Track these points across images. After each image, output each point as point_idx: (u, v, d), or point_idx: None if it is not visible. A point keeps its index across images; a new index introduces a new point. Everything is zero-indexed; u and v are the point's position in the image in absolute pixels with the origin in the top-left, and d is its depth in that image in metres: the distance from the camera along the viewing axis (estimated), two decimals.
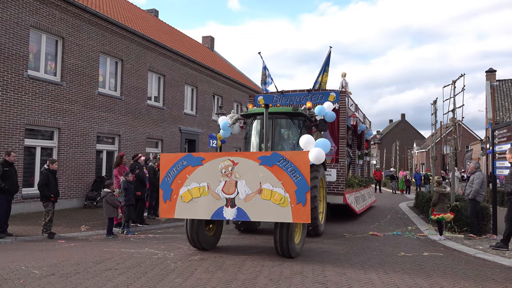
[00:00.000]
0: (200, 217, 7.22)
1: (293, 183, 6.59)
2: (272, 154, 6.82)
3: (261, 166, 6.81)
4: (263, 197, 6.73)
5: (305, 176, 6.56)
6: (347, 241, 9.31)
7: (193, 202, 7.18)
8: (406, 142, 60.20)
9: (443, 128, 16.90)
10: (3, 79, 11.89)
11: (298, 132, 9.65)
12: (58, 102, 13.68)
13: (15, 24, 12.23)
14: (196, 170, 7.21)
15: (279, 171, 6.69)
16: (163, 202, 7.39)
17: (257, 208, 6.77)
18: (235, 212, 6.90)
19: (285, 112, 9.78)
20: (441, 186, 9.62)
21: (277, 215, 6.67)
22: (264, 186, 6.76)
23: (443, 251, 8.18)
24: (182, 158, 7.35)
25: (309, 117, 10.10)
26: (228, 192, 6.98)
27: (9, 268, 6.37)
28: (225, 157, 7.11)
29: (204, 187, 7.13)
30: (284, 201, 6.60)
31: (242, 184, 6.90)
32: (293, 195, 6.55)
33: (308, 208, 6.48)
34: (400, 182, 30.31)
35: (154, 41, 18.59)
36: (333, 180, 12.12)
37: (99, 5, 16.53)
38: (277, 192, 6.65)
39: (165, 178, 7.43)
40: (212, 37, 32.65)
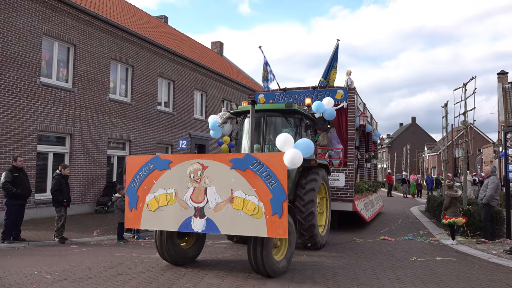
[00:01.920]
0: (167, 228, 6.40)
1: (268, 190, 5.63)
2: (244, 157, 5.90)
3: (232, 170, 5.88)
4: (234, 207, 5.79)
5: (281, 182, 5.60)
6: (358, 245, 9.25)
7: (160, 211, 6.35)
8: (416, 145, 59.65)
9: (455, 131, 16.73)
10: (17, 86, 12.09)
11: (294, 131, 8.54)
12: (69, 108, 13.86)
13: (28, 32, 12.44)
14: (163, 175, 6.39)
15: (253, 176, 5.75)
16: (128, 211, 6.62)
17: (228, 219, 5.84)
18: (204, 223, 5.99)
19: (278, 109, 8.68)
20: (452, 190, 9.51)
21: (250, 228, 5.71)
22: (236, 193, 5.82)
23: (456, 256, 8.08)
24: (149, 161, 6.55)
25: (307, 115, 9.09)
26: (196, 200, 6.09)
27: (22, 273, 6.45)
28: (194, 159, 6.22)
29: (171, 194, 6.29)
30: (258, 211, 5.63)
31: (212, 191, 5.99)
32: (268, 205, 5.59)
33: (285, 220, 5.50)
34: (411, 186, 30.03)
35: (164, 47, 18.75)
36: (341, 186, 11.04)
37: (110, 12, 16.74)
38: (250, 201, 5.71)
39: (131, 184, 6.65)
40: (221, 42, 32.83)
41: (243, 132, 8.87)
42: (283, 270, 6.37)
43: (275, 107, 8.75)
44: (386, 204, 21.39)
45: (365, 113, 13.26)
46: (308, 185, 8.18)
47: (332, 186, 10.89)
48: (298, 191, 8.16)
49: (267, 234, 5.60)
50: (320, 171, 8.65)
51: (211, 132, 9.62)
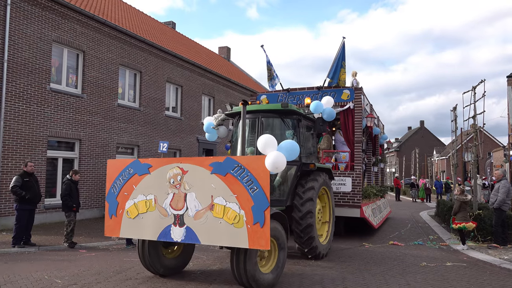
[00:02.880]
0: (146, 237, 6.00)
1: (249, 197, 5.18)
2: (225, 160, 5.46)
3: (213, 175, 5.46)
4: (215, 215, 5.37)
5: (263, 188, 5.14)
6: (367, 250, 9.18)
7: (140, 218, 5.98)
8: (425, 149, 59.20)
9: (464, 135, 16.59)
10: (27, 92, 12.24)
11: (291, 133, 8.03)
12: (79, 114, 13.99)
13: (38, 39, 12.61)
14: (142, 180, 6.03)
15: (233, 181, 5.31)
16: (108, 218, 6.28)
17: (208, 228, 5.42)
18: (184, 232, 5.57)
19: (273, 110, 8.09)
20: (462, 194, 9.42)
21: (231, 238, 5.26)
22: (216, 200, 5.39)
23: (467, 261, 7.99)
24: (129, 165, 6.20)
25: (306, 116, 8.53)
26: (176, 207, 5.68)
27: (32, 277, 6.50)
28: (173, 164, 5.84)
29: (151, 200, 5.91)
30: (239, 220, 5.19)
31: (191, 197, 5.59)
32: (250, 213, 5.14)
33: (267, 230, 5.01)
34: (420, 190, 29.78)
35: (171, 53, 18.88)
36: (348, 191, 10.53)
37: (118, 19, 16.91)
38: (230, 208, 5.27)
39: (111, 189, 6.31)
40: (228, 47, 32.98)
41: (238, 134, 8.23)
42: (269, 284, 5.78)
43: (271, 107, 8.18)
44: (394, 208, 21.23)
45: (373, 114, 12.80)
46: (306, 194, 7.62)
47: (339, 191, 10.58)
48: (295, 201, 7.62)
49: (248, 245, 5.11)
50: (321, 176, 8.11)
51: (206, 135, 9.22)
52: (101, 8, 16.36)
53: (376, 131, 13.51)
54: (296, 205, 7.57)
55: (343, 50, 11.57)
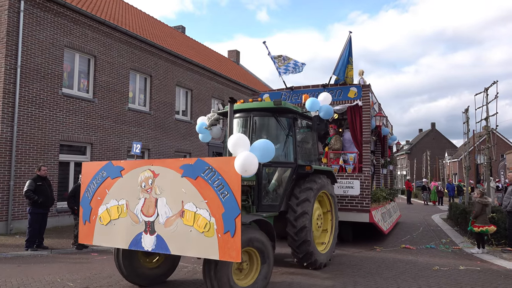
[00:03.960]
0: (117, 245, 5.60)
1: (220, 203, 4.73)
2: (196, 162, 5.04)
3: (183, 179, 5.04)
4: (185, 222, 4.93)
5: (234, 193, 4.68)
6: (378, 254, 9.10)
7: (112, 225, 5.62)
8: (437, 151, 58.60)
9: (476, 137, 16.39)
10: (40, 97, 12.41)
11: (286, 134, 7.46)
12: (90, 118, 14.13)
13: (50, 45, 12.79)
14: (115, 184, 5.68)
15: (204, 185, 4.88)
16: (82, 224, 5.98)
17: (179, 237, 4.99)
18: (154, 240, 5.16)
19: (266, 108, 7.48)
20: (483, 197, 9.27)
21: (201, 248, 4.81)
22: (187, 206, 4.95)
23: (480, 265, 7.87)
24: (102, 168, 5.87)
25: (304, 114, 7.95)
26: (147, 213, 5.28)
27: (45, 280, 6.57)
28: (145, 166, 5.44)
29: (123, 206, 5.54)
30: (209, 228, 4.74)
31: (162, 203, 5.17)
32: (220, 221, 4.69)
33: (238, 240, 4.54)
34: (432, 193, 29.46)
35: (181, 57, 19.00)
36: (356, 194, 9.98)
37: (129, 24, 17.08)
38: (201, 215, 4.82)
39: (85, 194, 6.00)
40: (238, 51, 33.08)
41: None
42: None
43: (263, 105, 7.54)
44: (406, 211, 21.03)
45: (382, 113, 12.21)
46: (302, 194, 7.11)
47: (346, 195, 10.09)
48: (291, 202, 7.14)
49: (218, 256, 4.65)
50: (320, 179, 7.53)
51: (200, 136, 8.76)
52: (112, 13, 16.55)
53: (385, 131, 13.03)
54: (291, 206, 7.07)
55: (350, 45, 11.03)
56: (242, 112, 7.56)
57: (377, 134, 12.38)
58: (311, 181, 7.33)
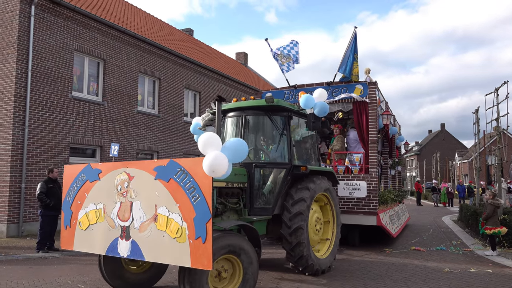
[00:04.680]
0: (95, 251, 5.37)
1: (191, 207, 4.47)
2: (168, 163, 4.79)
3: (157, 181, 4.80)
4: (158, 227, 4.69)
5: (205, 196, 4.41)
6: (388, 256, 9.04)
7: (90, 230, 5.40)
8: (446, 152, 58.07)
9: (487, 138, 16.22)
10: (50, 100, 12.56)
11: (280, 133, 7.10)
12: (100, 121, 14.26)
13: (60, 49, 12.94)
14: (93, 187, 5.48)
15: (177, 188, 4.63)
16: (63, 228, 5.79)
17: (152, 243, 4.74)
18: (130, 246, 4.91)
19: (258, 106, 7.11)
20: (494, 198, 9.17)
21: (173, 255, 4.55)
22: (160, 210, 4.70)
23: (492, 268, 7.78)
24: (82, 171, 5.66)
25: (300, 112, 7.57)
26: (123, 218, 5.04)
27: (56, 282, 6.63)
28: (121, 168, 5.22)
29: (100, 210, 5.32)
30: (182, 233, 4.48)
31: (137, 207, 4.94)
32: (192, 226, 4.42)
33: (209, 247, 4.26)
34: (442, 194, 29.20)
35: (189, 59, 19.09)
36: (363, 196, 9.59)
37: (138, 27, 17.21)
38: (173, 220, 4.57)
39: (66, 198, 5.82)
40: (246, 53, 33.15)
41: (224, 135, 7.37)
42: None
43: (255, 103, 7.17)
44: (416, 213, 20.87)
45: (389, 112, 11.65)
46: (298, 194, 6.74)
47: (352, 197, 9.75)
48: (286, 202, 6.79)
49: (190, 263, 4.38)
50: (318, 180, 7.15)
51: (195, 137, 8.47)
52: (121, 17, 16.69)
53: (393, 131, 12.55)
54: (286, 206, 6.71)
55: (355, 41, 10.62)
56: (234, 111, 7.24)
57: (384, 133, 12.00)
58: (309, 181, 6.98)
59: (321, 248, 7.47)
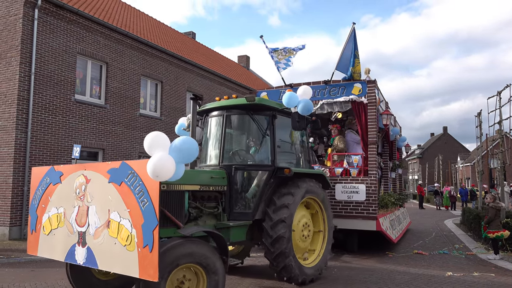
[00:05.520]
0: (56, 257, 5.09)
1: (140, 212, 4.19)
2: (121, 165, 4.48)
3: (110, 185, 4.52)
4: (110, 234, 4.41)
5: (153, 201, 4.11)
6: (390, 259, 9.02)
7: (52, 235, 5.14)
8: (449, 155, 57.95)
9: (489, 141, 16.18)
10: (53, 103, 12.60)
11: (263, 133, 6.65)
12: (102, 124, 14.30)
13: (63, 52, 13.00)
14: (55, 190, 5.23)
15: (128, 192, 4.35)
16: (30, 233, 5.51)
17: (105, 250, 4.46)
18: (85, 253, 4.63)
19: (239, 105, 6.73)
20: (495, 202, 9.14)
21: (124, 264, 4.26)
22: (112, 215, 4.43)
23: (495, 271, 7.74)
24: (46, 173, 5.39)
25: (286, 111, 6.97)
26: (80, 223, 4.76)
27: (58, 285, 6.64)
28: (79, 171, 4.93)
29: (61, 214, 5.04)
30: (131, 241, 4.21)
31: (93, 211, 4.66)
32: (140, 233, 4.15)
33: (155, 256, 3.96)
34: (445, 197, 29.12)
35: (191, 62, 19.15)
36: (362, 200, 9.13)
37: (140, 31, 17.28)
38: (124, 226, 4.30)
39: (32, 201, 5.55)
40: (248, 56, 33.21)
41: (206, 136, 7.06)
42: None
43: (236, 102, 6.78)
44: (418, 216, 20.82)
45: (390, 111, 11.05)
46: (281, 200, 6.27)
47: (351, 200, 9.28)
48: (268, 208, 6.32)
49: (138, 273, 4.09)
50: (305, 183, 6.65)
51: None
52: (124, 20, 16.77)
53: (395, 131, 12.05)
54: (268, 213, 6.25)
55: (355, 38, 10.17)
56: (216, 110, 6.91)
57: (384, 134, 11.53)
58: (294, 185, 6.48)
59: (309, 255, 6.98)
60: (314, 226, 7.11)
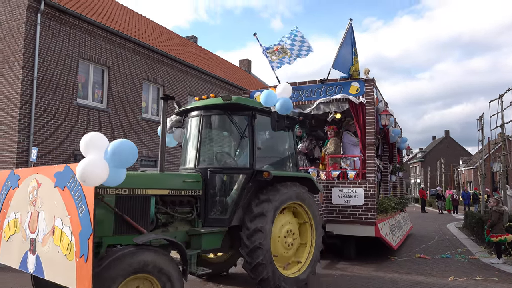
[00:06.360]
0: (12, 264, 4.80)
1: (78, 219, 3.92)
2: (64, 169, 4.19)
3: (55, 189, 4.26)
4: (55, 241, 4.15)
5: (89, 208, 3.84)
6: (393, 264, 8.98)
7: (10, 241, 4.88)
8: (451, 159, 57.81)
9: (492, 144, 16.16)
10: (55, 107, 12.65)
11: (241, 134, 6.21)
12: (104, 128, 14.33)
13: (66, 56, 13.05)
14: (14, 195, 4.98)
15: (69, 197, 4.09)
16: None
17: (50, 259, 4.19)
18: (35, 261, 4.35)
19: (215, 105, 6.33)
20: (498, 205, 9.12)
21: (64, 274, 3.97)
22: (57, 222, 4.16)
23: (498, 276, 7.71)
24: (8, 177, 5.13)
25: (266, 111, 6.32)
26: (32, 229, 4.49)
27: None
28: (32, 175, 4.65)
29: (18, 219, 4.78)
30: (71, 250, 3.93)
31: (42, 217, 4.38)
32: (78, 241, 3.87)
33: (89, 267, 3.70)
34: (447, 201, 29.03)
35: (193, 66, 19.21)
36: (360, 204, 8.71)
37: (142, 35, 17.36)
38: (65, 233, 4.03)
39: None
40: (249, 60, 33.30)
41: (186, 138, 6.77)
42: None
43: (212, 102, 6.38)
44: (420, 220, 20.76)
45: (388, 111, 10.46)
46: (258, 208, 5.82)
47: (348, 205, 8.84)
48: (245, 215, 5.91)
49: (76, 285, 3.81)
50: (287, 188, 6.18)
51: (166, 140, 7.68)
52: (125, 25, 16.84)
53: (395, 133, 11.63)
54: (245, 221, 5.84)
55: (352, 35, 9.74)
56: (195, 110, 6.58)
57: (383, 135, 11.11)
58: (274, 190, 6.02)
59: (293, 265, 6.52)
60: (301, 238, 6.63)
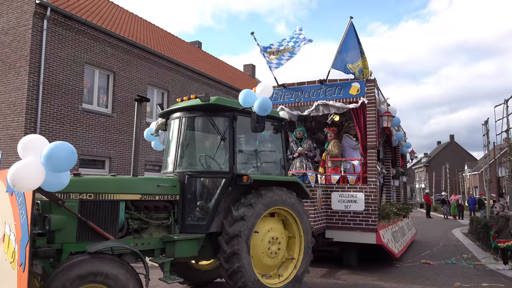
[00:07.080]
0: None
1: (20, 226, 3.76)
2: None
3: (6, 194, 4.10)
4: (4, 249, 4.00)
5: (28, 214, 3.66)
6: (398, 269, 8.92)
7: None
8: (456, 164, 57.51)
9: (497, 149, 16.09)
10: (61, 112, 12.73)
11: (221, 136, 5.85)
12: (109, 133, 14.40)
13: (71, 62, 13.16)
14: None
15: (15, 203, 3.92)
16: None
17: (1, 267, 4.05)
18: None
19: (194, 107, 6.05)
20: (504, 211, 9.05)
21: (7, 285, 3.82)
22: (6, 228, 4.02)
23: (504, 282, 7.64)
24: None
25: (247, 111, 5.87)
26: None
27: None
28: None
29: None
30: (14, 258, 3.77)
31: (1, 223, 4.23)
32: (19, 249, 3.71)
33: (25, 277, 3.50)
34: (453, 206, 28.85)
35: (197, 71, 19.29)
36: (360, 210, 8.32)
37: (147, 40, 17.47)
38: (12, 240, 3.86)
39: None
40: (253, 64, 33.40)
41: (168, 140, 6.54)
42: None
43: (191, 103, 6.11)
44: (425, 225, 20.63)
45: (390, 112, 9.93)
46: (238, 212, 5.50)
47: (348, 211, 8.46)
48: (225, 220, 5.57)
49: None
50: (269, 193, 5.81)
51: (152, 143, 7.78)
52: (131, 30, 16.97)
53: (398, 136, 11.24)
54: (224, 226, 5.52)
55: (355, 33, 9.41)
56: (175, 112, 6.36)
57: (385, 138, 10.76)
58: (256, 195, 5.70)
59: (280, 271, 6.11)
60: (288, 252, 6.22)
